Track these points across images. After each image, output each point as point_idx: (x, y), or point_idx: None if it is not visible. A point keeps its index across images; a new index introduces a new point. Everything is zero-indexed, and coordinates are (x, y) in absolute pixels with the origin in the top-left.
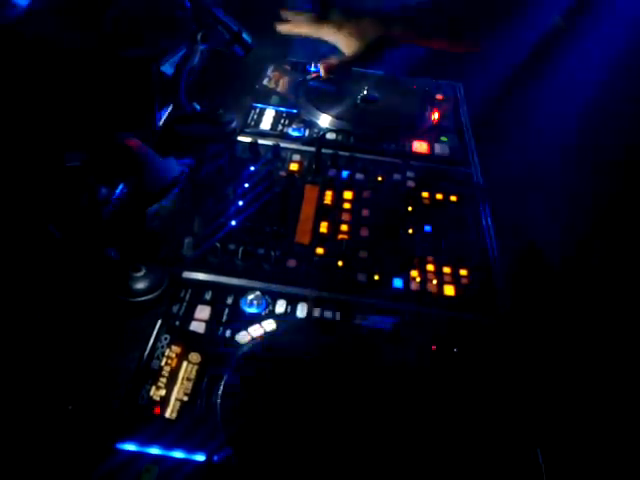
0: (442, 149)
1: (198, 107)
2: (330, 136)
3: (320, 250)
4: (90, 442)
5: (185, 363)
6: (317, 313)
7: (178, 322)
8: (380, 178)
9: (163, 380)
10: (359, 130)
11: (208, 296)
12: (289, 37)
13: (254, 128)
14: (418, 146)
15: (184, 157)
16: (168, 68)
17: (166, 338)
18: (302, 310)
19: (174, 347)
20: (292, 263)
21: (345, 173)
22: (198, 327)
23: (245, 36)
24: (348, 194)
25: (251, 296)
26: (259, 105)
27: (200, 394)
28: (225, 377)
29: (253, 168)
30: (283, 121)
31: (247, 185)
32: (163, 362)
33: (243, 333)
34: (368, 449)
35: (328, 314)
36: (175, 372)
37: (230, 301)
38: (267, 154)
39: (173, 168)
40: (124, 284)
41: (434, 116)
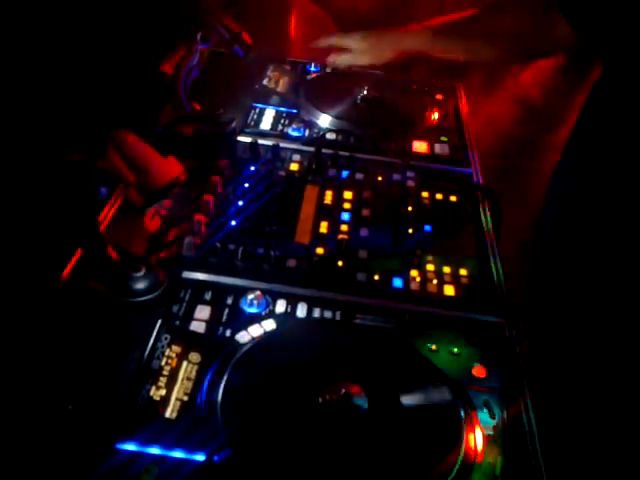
0: (442, 149)
1: (198, 107)
2: (330, 136)
3: (320, 250)
4: (90, 442)
5: (185, 363)
6: (317, 313)
7: (178, 322)
8: (380, 178)
9: (163, 380)
10: (359, 130)
11: (208, 296)
12: (289, 37)
13: (254, 128)
14: (418, 146)
15: (184, 157)
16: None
17: (166, 338)
18: (302, 310)
19: (174, 347)
20: (292, 263)
21: (345, 173)
22: (198, 327)
23: (245, 36)
24: (348, 194)
25: (251, 296)
26: (259, 105)
27: (200, 394)
28: (225, 377)
29: (253, 168)
30: (283, 121)
31: (247, 185)
32: (163, 362)
33: (243, 333)
34: (368, 449)
35: (328, 314)
36: (175, 372)
37: (230, 301)
38: (267, 154)
39: (173, 168)
40: (124, 284)
41: (434, 116)
